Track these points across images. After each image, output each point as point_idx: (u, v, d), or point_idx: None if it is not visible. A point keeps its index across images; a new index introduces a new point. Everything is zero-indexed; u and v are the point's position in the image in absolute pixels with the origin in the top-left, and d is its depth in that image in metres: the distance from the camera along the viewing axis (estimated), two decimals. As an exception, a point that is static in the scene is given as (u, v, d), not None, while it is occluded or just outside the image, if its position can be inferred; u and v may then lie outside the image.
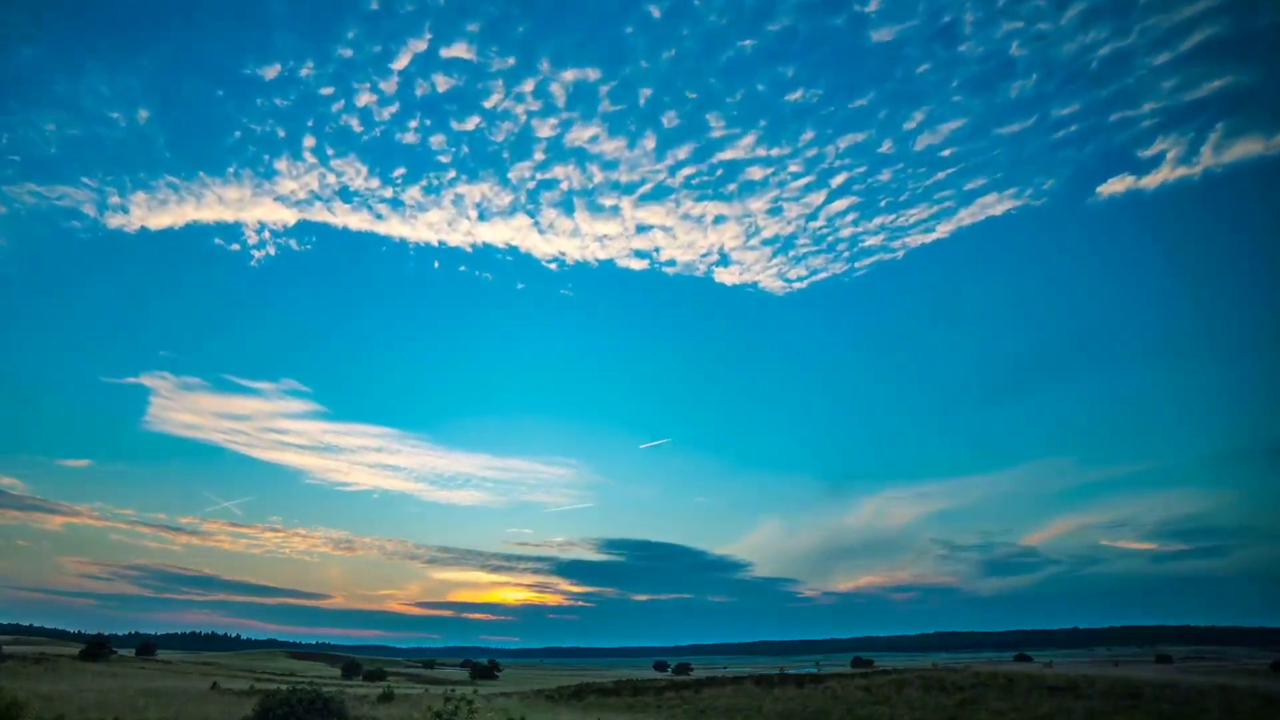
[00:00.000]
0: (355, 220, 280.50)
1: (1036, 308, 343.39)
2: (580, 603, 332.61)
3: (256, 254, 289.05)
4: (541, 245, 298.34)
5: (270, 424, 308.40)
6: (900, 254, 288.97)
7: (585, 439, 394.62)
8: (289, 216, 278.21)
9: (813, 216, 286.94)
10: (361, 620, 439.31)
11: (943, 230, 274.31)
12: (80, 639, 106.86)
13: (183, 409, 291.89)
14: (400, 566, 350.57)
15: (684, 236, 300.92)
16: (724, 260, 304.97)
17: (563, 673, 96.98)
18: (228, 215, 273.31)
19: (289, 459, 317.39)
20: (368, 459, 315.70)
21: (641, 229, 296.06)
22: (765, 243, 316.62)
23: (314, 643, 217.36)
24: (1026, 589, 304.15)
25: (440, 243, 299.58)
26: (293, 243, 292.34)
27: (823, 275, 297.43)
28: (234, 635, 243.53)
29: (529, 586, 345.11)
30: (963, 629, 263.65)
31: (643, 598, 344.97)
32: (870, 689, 31.65)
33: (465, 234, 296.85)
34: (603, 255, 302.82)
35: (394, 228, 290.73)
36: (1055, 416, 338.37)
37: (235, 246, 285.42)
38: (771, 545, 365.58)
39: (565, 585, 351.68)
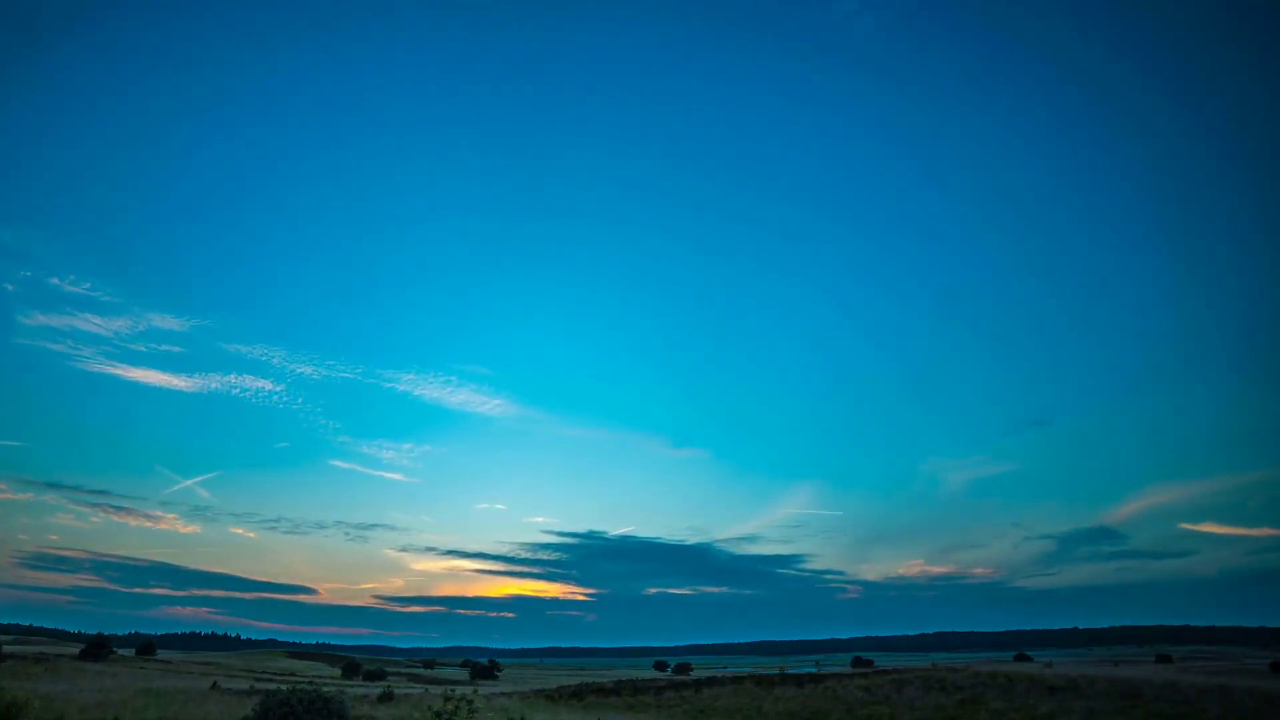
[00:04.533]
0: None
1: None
2: (580, 596, 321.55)
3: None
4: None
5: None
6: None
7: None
8: None
9: None
10: (348, 617, 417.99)
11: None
12: (79, 639, 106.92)
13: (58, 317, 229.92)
14: (381, 556, 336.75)
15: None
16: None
17: (563, 672, 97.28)
18: None
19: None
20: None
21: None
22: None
23: (314, 642, 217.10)
24: (1095, 584, 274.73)
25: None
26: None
27: None
28: (234, 635, 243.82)
29: (522, 576, 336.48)
30: (1018, 627, 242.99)
31: (651, 591, 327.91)
32: (870, 689, 31.68)
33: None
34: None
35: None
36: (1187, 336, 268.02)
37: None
38: (794, 525, 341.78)
39: (565, 579, 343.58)
